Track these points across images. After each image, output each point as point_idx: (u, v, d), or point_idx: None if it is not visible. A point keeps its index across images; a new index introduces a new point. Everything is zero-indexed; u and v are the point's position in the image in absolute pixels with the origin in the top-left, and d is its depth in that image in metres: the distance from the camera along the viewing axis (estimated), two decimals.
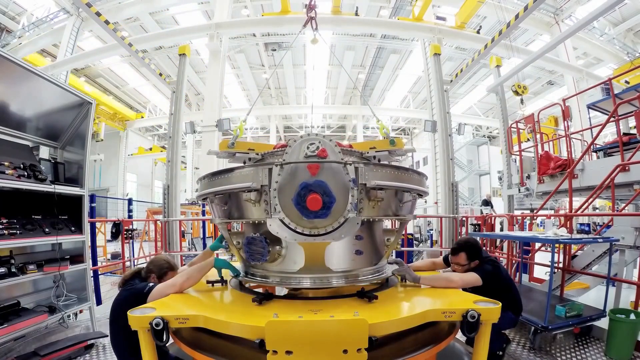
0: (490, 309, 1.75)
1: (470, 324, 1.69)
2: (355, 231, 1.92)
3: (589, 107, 6.68)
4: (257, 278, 2.24)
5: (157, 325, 1.62)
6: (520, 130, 7.16)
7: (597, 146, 5.91)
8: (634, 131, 5.73)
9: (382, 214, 2.05)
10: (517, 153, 6.90)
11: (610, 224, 4.80)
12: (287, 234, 1.88)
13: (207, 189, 2.16)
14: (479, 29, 11.28)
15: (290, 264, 2.10)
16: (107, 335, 3.56)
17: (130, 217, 9.41)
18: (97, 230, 6.24)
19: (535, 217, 8.26)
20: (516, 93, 8.17)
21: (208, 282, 2.41)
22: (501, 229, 8.79)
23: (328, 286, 2.07)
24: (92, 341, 3.48)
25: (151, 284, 2.16)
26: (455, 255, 2.77)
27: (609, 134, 14.81)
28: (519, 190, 6.95)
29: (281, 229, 1.88)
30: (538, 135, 6.47)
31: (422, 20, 9.82)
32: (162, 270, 2.42)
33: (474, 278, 2.47)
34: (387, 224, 3.92)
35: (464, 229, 7.12)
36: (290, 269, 2.10)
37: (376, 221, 2.27)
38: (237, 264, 2.52)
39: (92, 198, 5.40)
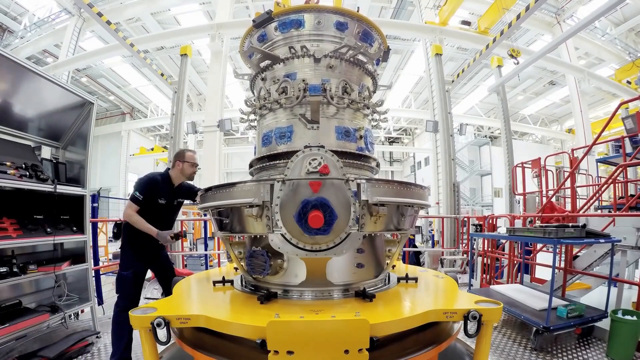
0: (491, 310, 1.74)
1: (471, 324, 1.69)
2: (357, 246, 1.92)
3: (598, 161, 6.75)
4: (260, 291, 2.25)
5: (158, 325, 1.62)
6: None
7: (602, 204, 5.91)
8: None
9: (384, 228, 2.05)
10: (521, 194, 6.94)
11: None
12: (289, 249, 1.88)
13: (208, 202, 2.15)
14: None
15: (292, 277, 2.11)
16: (97, 332, 3.61)
17: None
18: (98, 230, 6.25)
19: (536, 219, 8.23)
20: (511, 56, 8.62)
21: (213, 282, 2.41)
22: None
23: (329, 299, 2.08)
24: (90, 339, 3.50)
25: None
26: None
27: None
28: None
29: (283, 244, 1.88)
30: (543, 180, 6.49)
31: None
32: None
33: None
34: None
35: (465, 229, 7.10)
36: (292, 282, 2.10)
37: (378, 235, 2.27)
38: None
39: (94, 198, 5.41)
